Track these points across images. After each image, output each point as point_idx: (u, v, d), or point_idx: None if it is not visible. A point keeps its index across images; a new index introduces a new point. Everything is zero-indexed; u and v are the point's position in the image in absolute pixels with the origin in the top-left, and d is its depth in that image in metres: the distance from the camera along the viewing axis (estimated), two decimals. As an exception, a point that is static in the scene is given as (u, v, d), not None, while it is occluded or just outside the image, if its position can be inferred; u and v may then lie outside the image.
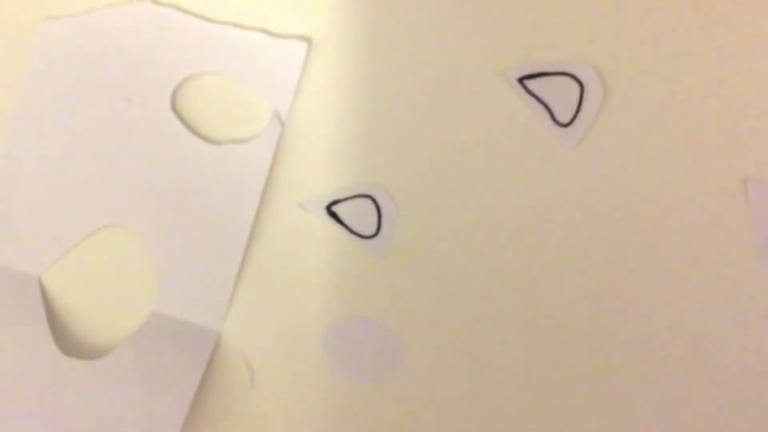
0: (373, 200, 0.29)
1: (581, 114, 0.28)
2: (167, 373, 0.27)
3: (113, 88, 0.29)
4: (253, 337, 0.29)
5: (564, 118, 0.28)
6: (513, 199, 0.28)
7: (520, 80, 0.28)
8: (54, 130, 0.29)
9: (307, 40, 0.28)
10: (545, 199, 0.28)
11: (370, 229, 0.29)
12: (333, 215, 0.29)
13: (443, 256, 0.28)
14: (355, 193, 0.29)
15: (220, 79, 0.29)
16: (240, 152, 0.28)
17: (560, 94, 0.28)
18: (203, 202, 0.29)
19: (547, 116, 0.28)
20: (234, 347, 0.29)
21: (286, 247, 0.29)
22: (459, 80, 0.28)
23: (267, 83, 0.28)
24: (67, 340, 0.29)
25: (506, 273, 0.28)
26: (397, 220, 0.29)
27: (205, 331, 0.29)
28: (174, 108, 0.29)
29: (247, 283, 0.29)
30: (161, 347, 0.28)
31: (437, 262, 0.29)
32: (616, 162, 0.28)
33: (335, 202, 0.29)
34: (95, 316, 0.29)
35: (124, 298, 0.29)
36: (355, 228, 0.29)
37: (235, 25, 0.28)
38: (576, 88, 0.28)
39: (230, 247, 0.28)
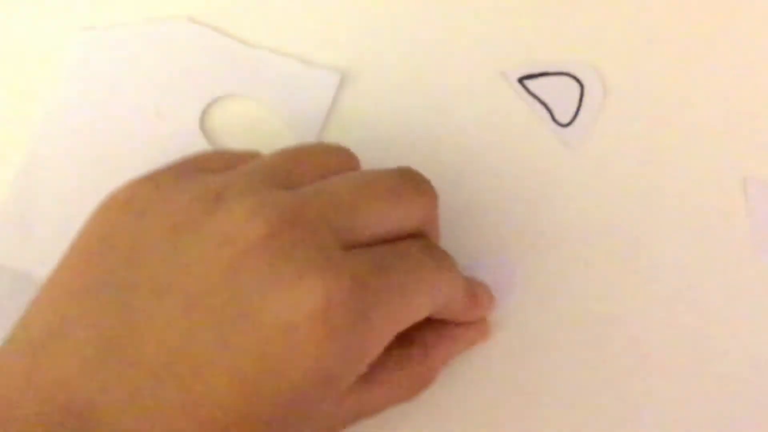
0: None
1: (581, 114, 0.28)
2: None
3: (144, 102, 0.29)
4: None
5: (564, 118, 0.28)
6: (513, 199, 0.28)
7: (521, 80, 0.28)
8: (81, 139, 0.29)
9: (341, 71, 0.28)
10: (545, 199, 0.28)
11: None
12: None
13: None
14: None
15: (250, 103, 0.29)
16: None
17: (560, 94, 0.28)
18: None
19: (547, 116, 0.28)
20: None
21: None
22: (459, 81, 0.28)
23: (296, 111, 0.28)
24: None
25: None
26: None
27: None
28: (203, 127, 0.29)
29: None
30: None
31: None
32: (616, 162, 0.28)
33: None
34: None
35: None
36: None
37: (270, 50, 0.28)
38: (576, 88, 0.28)
39: None
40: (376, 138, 0.29)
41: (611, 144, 0.28)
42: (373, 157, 0.28)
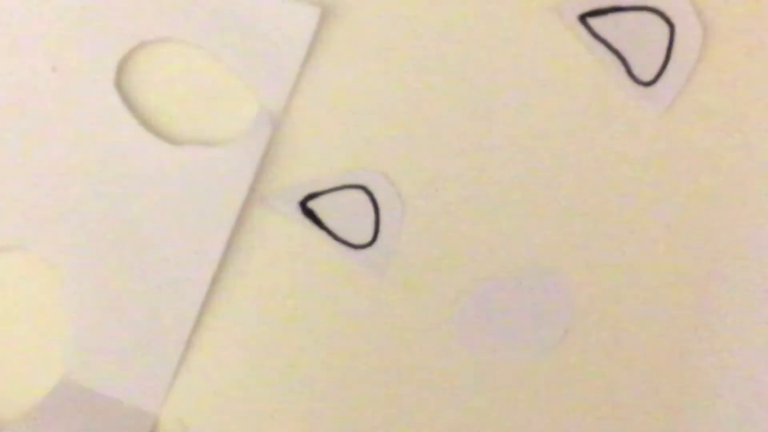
0: (368, 193, 0.26)
1: (670, 67, 0.25)
2: None
3: (34, 51, 0.26)
4: (198, 390, 0.25)
5: (646, 72, 0.25)
6: (570, 188, 0.26)
7: (582, 18, 0.25)
8: None
9: (321, 4, 0.25)
10: (617, 186, 0.26)
11: (363, 235, 0.26)
12: (309, 214, 0.26)
13: (463, 270, 0.26)
14: (342, 183, 0.26)
15: (190, 50, 0.26)
16: (209, 159, 0.25)
17: (640, 39, 0.25)
18: (150, 229, 0.26)
19: (621, 70, 0.25)
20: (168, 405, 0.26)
21: (243, 261, 0.26)
22: (488, 14, 0.25)
23: (259, 61, 0.26)
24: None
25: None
26: (402, 221, 0.26)
27: (139, 414, 0.26)
28: (118, 85, 0.26)
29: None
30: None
31: (455, 279, 0.26)
32: (716, 133, 0.25)
33: (312, 196, 0.26)
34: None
35: (29, 353, 0.26)
36: (341, 233, 0.26)
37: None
38: (663, 29, 0.25)
39: (181, 298, 0.25)
40: (368, 92, 0.26)
41: (710, 108, 0.25)
42: (363, 118, 0.26)
